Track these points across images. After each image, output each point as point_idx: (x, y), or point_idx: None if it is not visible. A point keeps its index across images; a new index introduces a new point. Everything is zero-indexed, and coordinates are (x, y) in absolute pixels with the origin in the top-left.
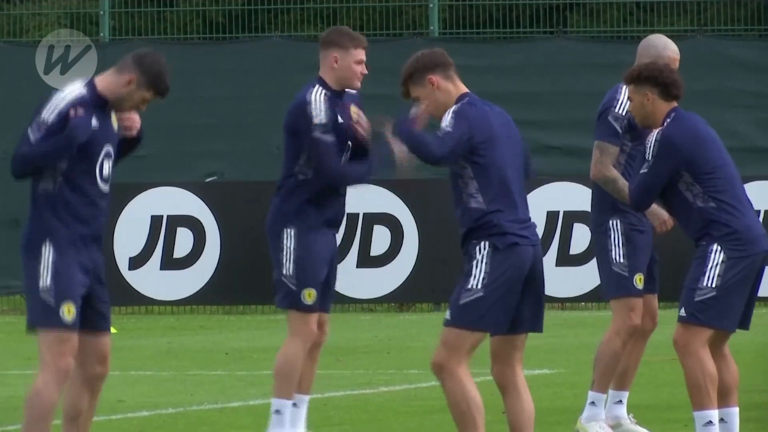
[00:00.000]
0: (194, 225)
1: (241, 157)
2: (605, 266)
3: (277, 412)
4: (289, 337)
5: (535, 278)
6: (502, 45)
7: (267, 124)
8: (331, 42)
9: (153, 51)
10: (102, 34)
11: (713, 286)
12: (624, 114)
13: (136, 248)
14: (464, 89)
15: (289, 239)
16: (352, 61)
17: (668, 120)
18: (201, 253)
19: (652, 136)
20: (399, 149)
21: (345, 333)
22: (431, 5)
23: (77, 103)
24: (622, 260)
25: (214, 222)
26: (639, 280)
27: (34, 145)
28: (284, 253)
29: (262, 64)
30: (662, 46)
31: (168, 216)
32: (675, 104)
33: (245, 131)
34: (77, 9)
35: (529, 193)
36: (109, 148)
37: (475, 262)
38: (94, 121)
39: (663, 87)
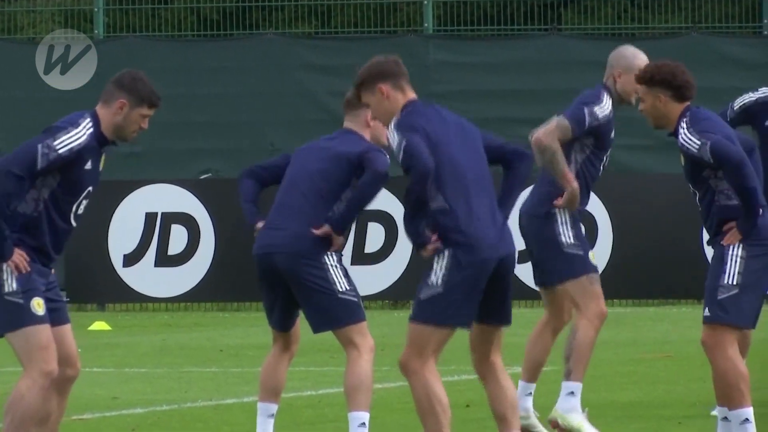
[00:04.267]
0: (189, 222)
1: (235, 154)
2: (554, 251)
3: (363, 425)
4: (360, 353)
5: (501, 275)
6: (497, 42)
7: (262, 121)
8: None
9: (128, 70)
10: (96, 31)
11: (734, 283)
12: (602, 119)
13: (131, 245)
14: (412, 96)
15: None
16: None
17: (685, 119)
18: (195, 250)
19: (690, 144)
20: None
21: None
22: (426, 2)
23: (88, 149)
24: (572, 241)
25: (209, 219)
26: (593, 257)
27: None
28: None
29: (256, 61)
30: (631, 56)
31: (162, 213)
32: (687, 104)
33: (240, 128)
34: (71, 6)
35: (524, 189)
36: (90, 189)
37: (437, 258)
38: (89, 165)
39: (676, 89)
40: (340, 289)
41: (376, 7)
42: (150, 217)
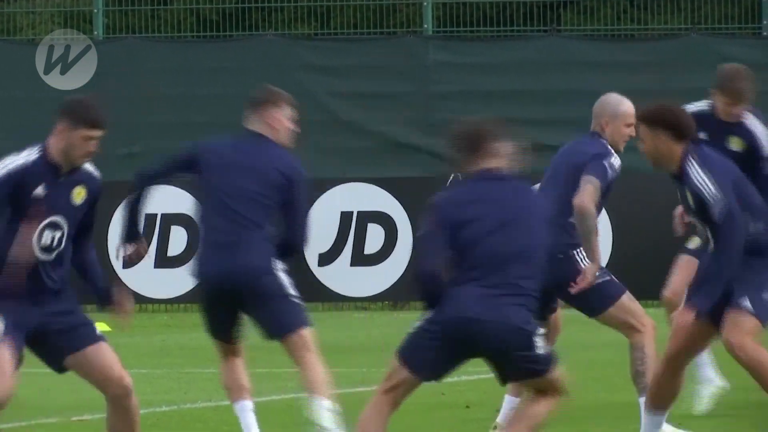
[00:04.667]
0: (188, 223)
1: None
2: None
3: (330, 409)
4: (317, 356)
5: (488, 350)
6: (496, 43)
7: None
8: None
9: (77, 95)
10: (96, 32)
11: None
12: (618, 170)
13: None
14: (485, 166)
15: None
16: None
17: (694, 159)
18: (194, 251)
19: (706, 189)
20: None
21: (339, 331)
22: (425, 3)
23: (29, 173)
24: (597, 274)
25: None
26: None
27: None
28: None
29: (256, 61)
30: (615, 103)
31: (162, 214)
32: (687, 143)
33: (239, 129)
34: (71, 7)
35: None
36: (55, 219)
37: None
38: (40, 190)
39: (676, 129)
40: (292, 293)
41: (376, 8)
42: (149, 219)
